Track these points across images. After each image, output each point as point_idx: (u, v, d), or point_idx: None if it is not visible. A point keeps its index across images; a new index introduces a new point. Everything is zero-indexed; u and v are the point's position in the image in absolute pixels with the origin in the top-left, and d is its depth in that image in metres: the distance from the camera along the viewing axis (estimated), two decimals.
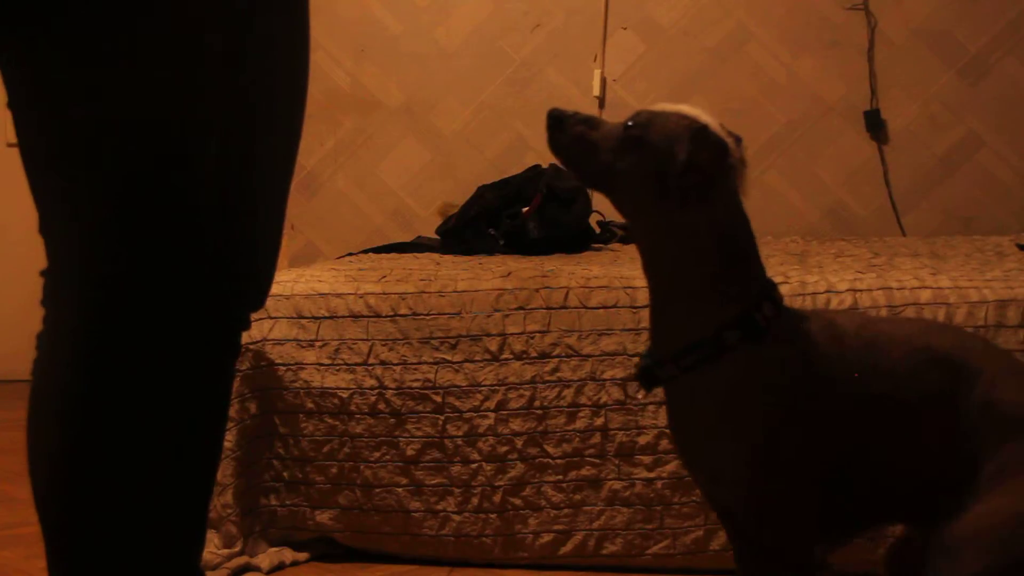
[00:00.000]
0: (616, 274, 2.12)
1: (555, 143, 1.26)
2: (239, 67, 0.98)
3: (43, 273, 1.02)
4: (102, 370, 0.98)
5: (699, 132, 1.19)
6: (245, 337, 2.10)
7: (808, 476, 1.18)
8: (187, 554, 1.07)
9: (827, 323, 1.24)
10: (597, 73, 3.80)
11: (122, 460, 0.99)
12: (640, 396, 1.95)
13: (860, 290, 1.98)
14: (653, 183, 1.19)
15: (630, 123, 1.22)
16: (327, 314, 2.12)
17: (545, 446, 2.02)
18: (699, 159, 1.17)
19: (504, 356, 2.05)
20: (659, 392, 1.98)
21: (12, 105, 0.99)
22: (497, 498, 2.03)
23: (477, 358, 2.05)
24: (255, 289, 1.08)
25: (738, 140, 1.26)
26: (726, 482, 1.21)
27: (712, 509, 1.32)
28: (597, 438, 2.00)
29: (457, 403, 2.05)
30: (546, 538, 2.02)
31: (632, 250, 3.01)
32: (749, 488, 1.18)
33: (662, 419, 1.98)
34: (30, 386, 1.02)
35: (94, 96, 0.93)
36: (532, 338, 2.05)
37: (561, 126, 1.25)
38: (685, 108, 1.23)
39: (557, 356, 2.03)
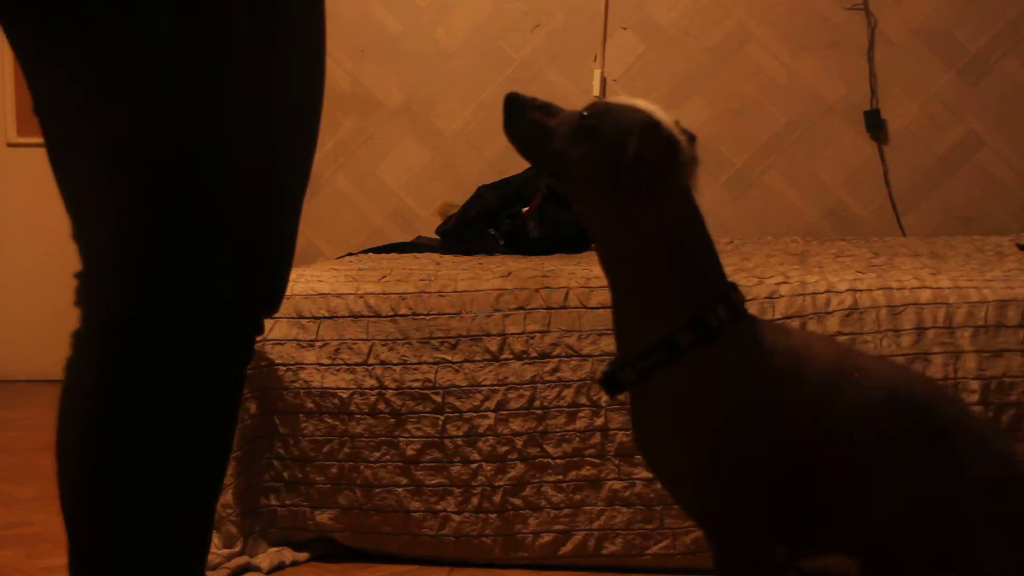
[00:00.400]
0: None
1: (510, 127, 1.26)
2: (265, 77, 0.99)
3: (77, 275, 1.04)
4: (126, 370, 0.99)
5: (650, 127, 1.18)
6: None
7: (758, 483, 1.17)
8: (196, 556, 1.08)
9: (796, 341, 1.21)
10: (597, 73, 3.80)
11: (141, 459, 1.01)
12: (603, 402, 1.95)
13: (860, 290, 1.98)
14: (604, 174, 1.19)
15: (585, 112, 1.22)
16: (327, 314, 2.12)
17: (545, 446, 2.02)
18: (648, 154, 1.17)
19: (504, 356, 2.05)
20: None
21: (39, 111, 1.00)
22: (497, 498, 2.03)
23: (477, 358, 2.06)
24: (272, 293, 1.09)
25: (692, 138, 1.25)
26: (682, 483, 1.21)
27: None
28: (597, 438, 2.00)
29: (457, 403, 2.05)
30: (546, 538, 2.02)
31: None
32: (701, 489, 1.18)
33: None
34: (61, 384, 1.03)
35: (123, 105, 0.94)
36: (532, 338, 2.05)
37: (518, 111, 1.25)
38: (640, 103, 1.23)
39: (557, 356, 2.03)
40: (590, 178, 1.21)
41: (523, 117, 1.25)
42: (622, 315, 1.23)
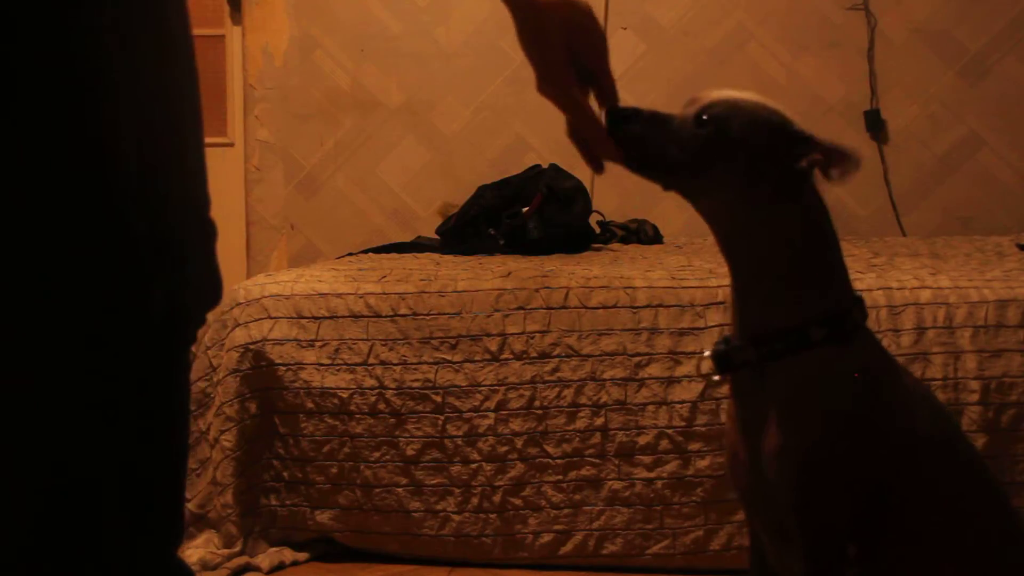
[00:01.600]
0: (616, 274, 2.12)
1: (619, 142, 1.16)
2: (139, 81, 0.99)
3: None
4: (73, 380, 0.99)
5: (800, 133, 1.15)
6: (245, 337, 2.11)
7: (856, 486, 1.16)
8: (163, 546, 1.08)
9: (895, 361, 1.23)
10: None
11: (91, 456, 1.01)
12: (716, 378, 1.90)
13: (860, 290, 1.98)
14: (744, 176, 1.15)
15: (704, 116, 1.16)
16: (327, 314, 2.12)
17: (545, 446, 2.02)
18: (815, 166, 1.14)
19: (504, 356, 2.05)
20: (659, 392, 1.99)
21: None
22: (497, 498, 2.03)
23: (477, 358, 2.06)
24: (184, 282, 1.09)
25: None
26: (778, 474, 1.17)
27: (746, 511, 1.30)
28: (597, 438, 2.00)
29: (457, 403, 2.05)
30: (546, 538, 2.02)
31: (632, 250, 3.01)
32: (798, 480, 1.16)
33: (662, 419, 1.98)
34: None
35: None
36: (532, 338, 2.05)
37: (625, 124, 1.15)
38: (751, 95, 1.18)
39: (557, 356, 2.03)
40: (726, 183, 1.16)
41: (632, 132, 1.15)
42: (745, 300, 1.20)
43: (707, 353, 1.23)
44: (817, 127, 1.18)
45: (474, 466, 2.04)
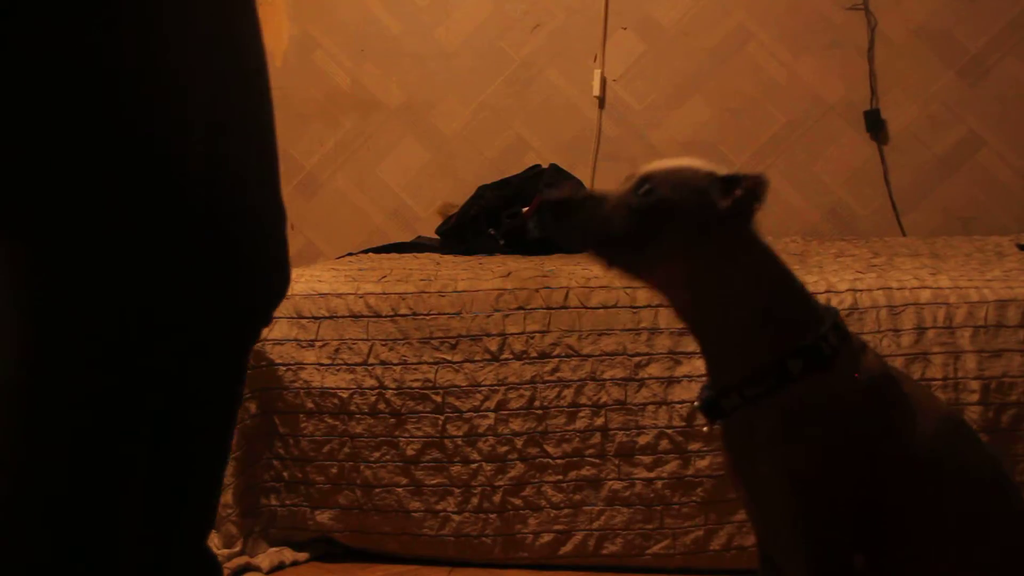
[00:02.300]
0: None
1: (561, 234, 1.20)
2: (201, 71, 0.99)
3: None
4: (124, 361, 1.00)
5: (724, 177, 1.18)
6: None
7: (851, 505, 1.17)
8: (198, 536, 1.10)
9: (891, 369, 1.23)
10: (597, 73, 3.80)
11: (143, 439, 1.01)
12: (705, 430, 1.93)
13: (860, 290, 1.98)
14: (691, 235, 1.17)
15: (646, 186, 1.18)
16: (327, 314, 2.12)
17: (545, 446, 2.02)
18: (744, 193, 1.16)
19: (504, 356, 2.05)
20: (659, 392, 1.99)
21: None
22: (497, 498, 2.03)
23: (477, 358, 2.06)
24: (264, 284, 1.09)
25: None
26: (778, 508, 1.18)
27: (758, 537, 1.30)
28: (597, 438, 2.00)
29: (457, 403, 2.05)
30: (546, 538, 2.02)
31: None
32: (800, 509, 1.16)
33: (662, 419, 1.98)
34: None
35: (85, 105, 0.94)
36: (532, 338, 2.05)
37: (556, 219, 1.18)
38: (686, 160, 1.21)
39: (557, 356, 2.03)
40: (675, 246, 1.18)
41: (574, 219, 1.19)
42: (718, 347, 1.21)
43: (696, 403, 1.25)
44: (817, 127, 1.18)
45: (474, 466, 2.04)
